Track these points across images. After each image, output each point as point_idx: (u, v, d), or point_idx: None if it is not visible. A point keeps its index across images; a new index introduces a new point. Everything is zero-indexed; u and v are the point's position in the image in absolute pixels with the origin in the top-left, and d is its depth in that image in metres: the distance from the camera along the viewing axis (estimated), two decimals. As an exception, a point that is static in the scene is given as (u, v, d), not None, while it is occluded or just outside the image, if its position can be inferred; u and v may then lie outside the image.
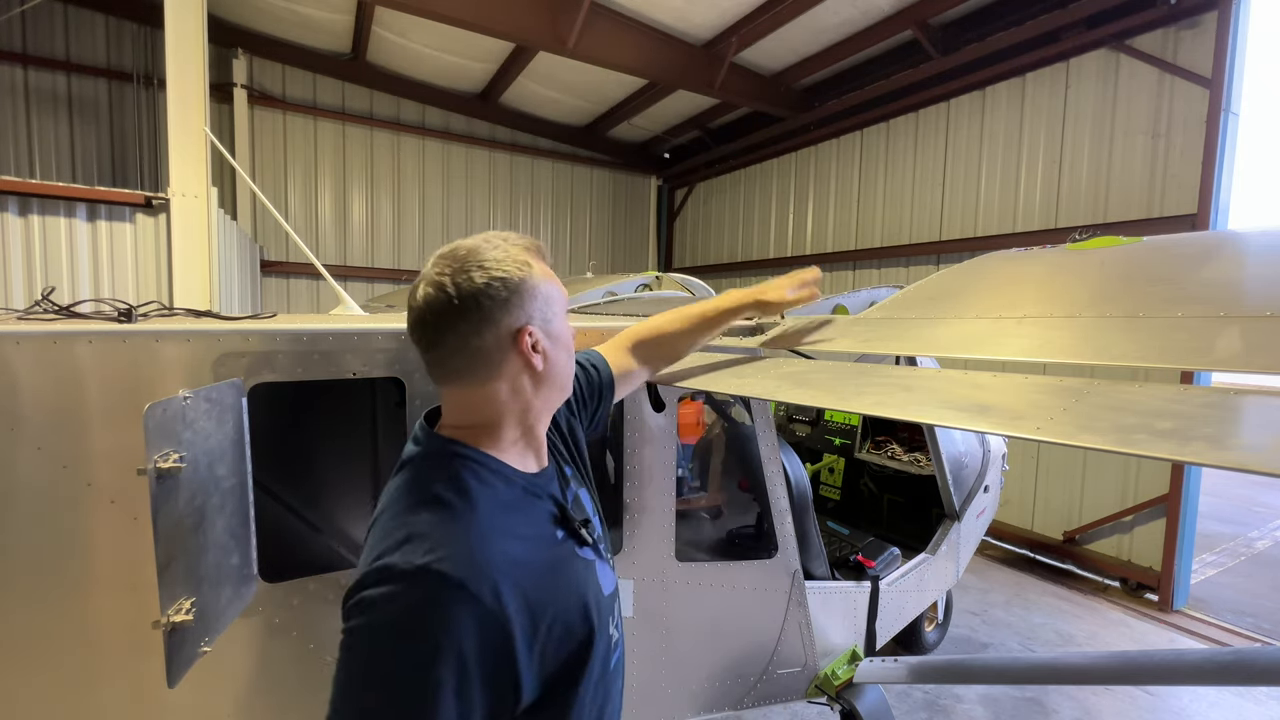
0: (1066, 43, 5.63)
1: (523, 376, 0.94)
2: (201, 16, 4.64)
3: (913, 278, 4.98)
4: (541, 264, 0.95)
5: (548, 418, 1.02)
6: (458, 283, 0.87)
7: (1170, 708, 3.67)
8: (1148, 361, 1.17)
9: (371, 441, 2.76)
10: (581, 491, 1.12)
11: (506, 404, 0.94)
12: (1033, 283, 1.91)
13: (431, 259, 0.94)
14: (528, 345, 0.91)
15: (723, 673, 2.23)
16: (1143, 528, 5.25)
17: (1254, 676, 1.52)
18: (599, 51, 6.93)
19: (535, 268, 0.93)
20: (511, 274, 0.89)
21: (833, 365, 1.67)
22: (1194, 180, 4.88)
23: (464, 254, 0.91)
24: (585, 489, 1.14)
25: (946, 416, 1.12)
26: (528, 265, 0.92)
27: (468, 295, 0.87)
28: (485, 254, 0.90)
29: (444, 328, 0.89)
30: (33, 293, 4.24)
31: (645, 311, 3.04)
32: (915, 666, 2.44)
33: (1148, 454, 0.84)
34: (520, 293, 0.90)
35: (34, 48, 7.17)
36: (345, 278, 9.02)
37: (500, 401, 0.94)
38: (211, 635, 1.19)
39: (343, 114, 8.95)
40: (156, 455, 1.05)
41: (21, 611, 1.28)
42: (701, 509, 3.33)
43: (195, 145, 4.55)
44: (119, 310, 1.51)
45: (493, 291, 0.88)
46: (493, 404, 0.94)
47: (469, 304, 0.87)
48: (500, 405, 0.94)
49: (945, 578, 3.59)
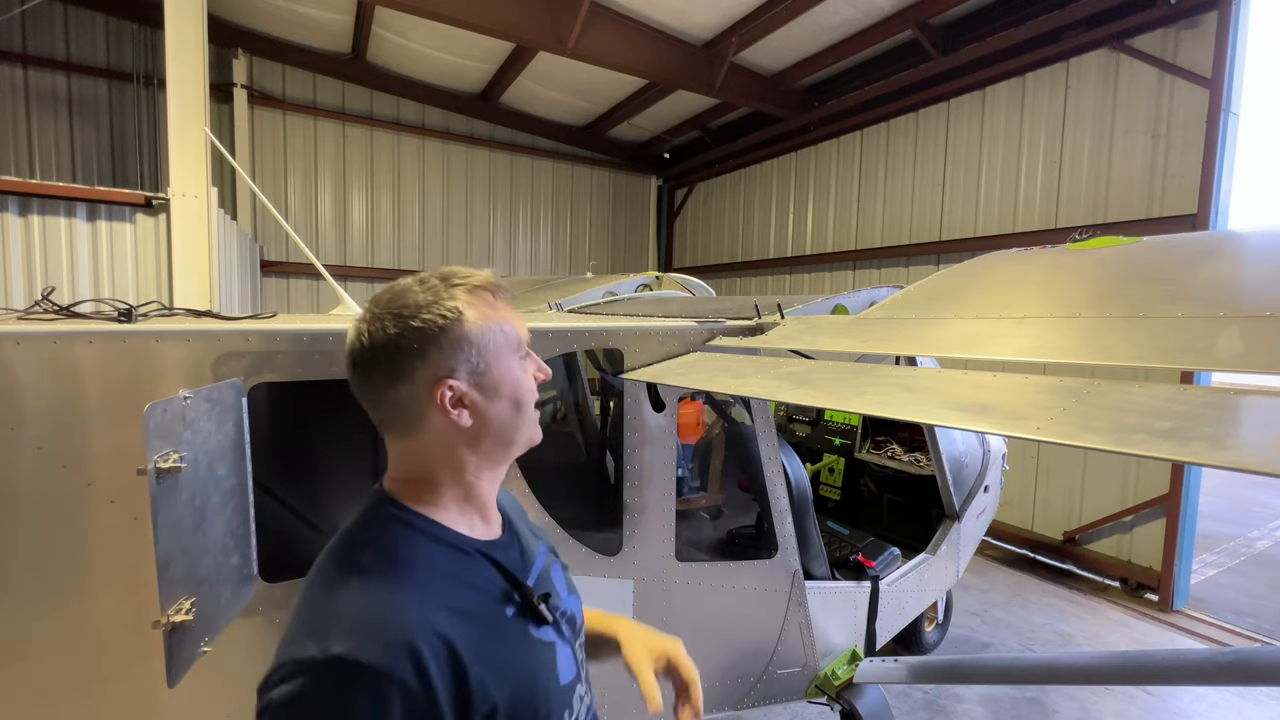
0: (1066, 43, 5.64)
1: (449, 433, 0.85)
2: (201, 16, 4.64)
3: (913, 278, 4.98)
4: (483, 307, 0.86)
5: (493, 477, 0.93)
6: (371, 331, 0.82)
7: (1170, 708, 3.67)
8: (1148, 361, 1.17)
9: (372, 441, 2.76)
10: (555, 567, 1.03)
11: (438, 460, 0.87)
12: (1033, 283, 1.91)
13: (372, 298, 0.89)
14: (445, 400, 0.83)
15: (723, 673, 2.23)
16: (1143, 528, 5.25)
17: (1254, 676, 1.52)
18: (599, 51, 6.93)
19: (469, 313, 0.84)
20: (430, 323, 0.81)
21: (833, 365, 1.67)
22: (1194, 180, 4.88)
23: (388, 299, 0.85)
24: (559, 564, 1.05)
25: (946, 416, 1.12)
26: (455, 311, 0.83)
27: (380, 345, 0.82)
28: (408, 299, 0.84)
29: (360, 376, 0.85)
30: (33, 293, 4.24)
31: (645, 311, 3.04)
32: (915, 666, 2.44)
33: (1148, 454, 0.84)
34: (439, 343, 0.82)
35: (34, 48, 7.17)
36: (345, 278, 9.02)
37: (430, 457, 0.87)
38: (211, 635, 1.19)
39: (343, 114, 8.95)
40: (156, 455, 1.05)
41: (22, 611, 1.27)
42: (701, 509, 3.33)
43: (195, 145, 4.56)
44: (119, 310, 1.51)
45: (403, 343, 0.81)
46: (423, 459, 0.87)
47: (380, 355, 0.82)
48: (431, 461, 0.87)
49: (945, 578, 3.59)
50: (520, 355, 0.91)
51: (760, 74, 7.94)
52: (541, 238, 10.83)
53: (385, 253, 9.46)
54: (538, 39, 6.70)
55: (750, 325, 2.27)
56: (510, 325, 0.89)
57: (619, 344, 1.96)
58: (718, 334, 2.19)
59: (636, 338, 2.01)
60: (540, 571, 0.97)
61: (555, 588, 0.97)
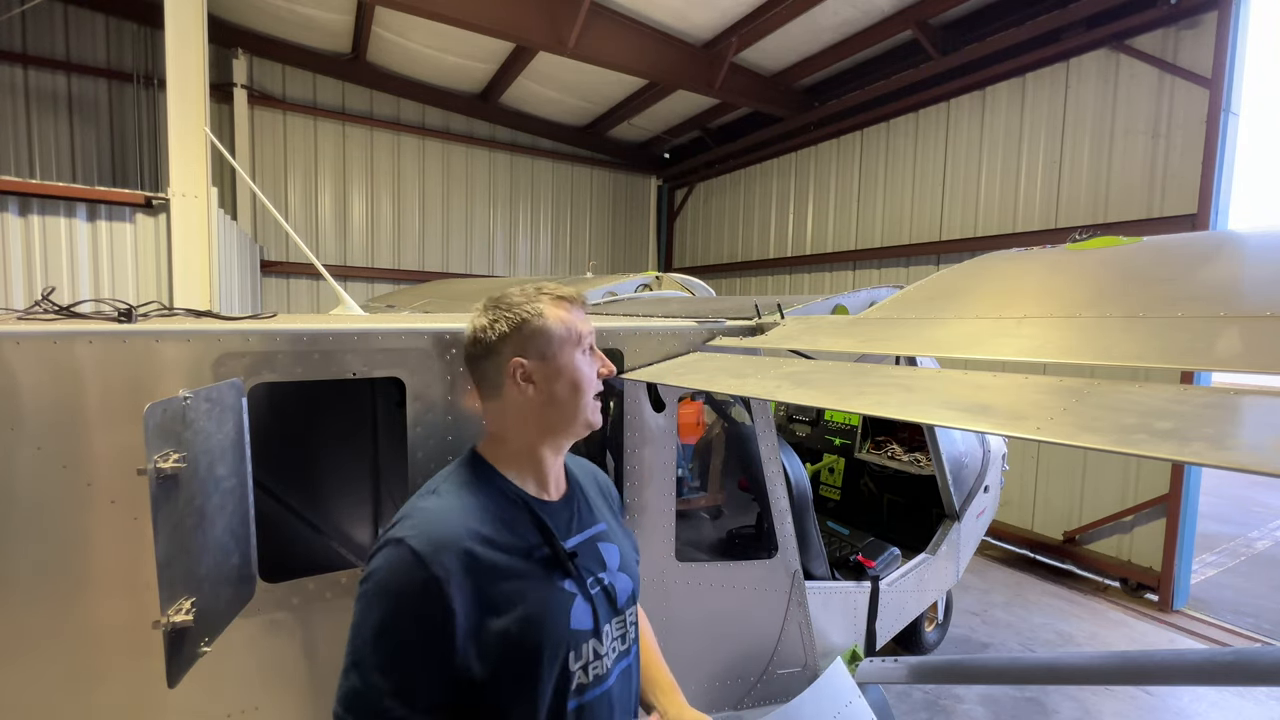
0: (1066, 43, 5.63)
1: (520, 401, 1.10)
2: (201, 16, 4.64)
3: (913, 278, 4.98)
4: (560, 311, 1.12)
5: (554, 447, 1.15)
6: (476, 320, 1.13)
7: (1170, 708, 3.67)
8: (1148, 361, 1.17)
9: (372, 441, 2.76)
10: (609, 547, 1.20)
11: (510, 422, 1.13)
12: (1033, 283, 1.91)
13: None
14: (516, 374, 1.09)
15: (723, 673, 2.23)
16: (1143, 528, 5.25)
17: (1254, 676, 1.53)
18: (599, 51, 6.93)
19: (547, 312, 1.11)
20: (516, 315, 1.09)
21: (833, 365, 1.67)
22: (1194, 180, 4.87)
23: (495, 298, 1.14)
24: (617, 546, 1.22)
25: (947, 416, 1.12)
26: (537, 309, 1.10)
27: (480, 329, 1.12)
28: (506, 299, 1.13)
29: (468, 353, 1.15)
30: (33, 293, 4.24)
31: (645, 311, 3.04)
32: (915, 666, 2.44)
33: (1148, 454, 0.84)
34: (521, 331, 1.09)
35: (34, 48, 7.17)
36: (345, 278, 9.02)
37: (505, 419, 1.13)
38: (211, 635, 1.19)
39: (343, 114, 8.95)
40: (156, 455, 1.05)
41: (22, 611, 1.27)
42: (701, 509, 3.33)
43: (195, 145, 4.56)
44: (119, 310, 1.51)
45: (496, 328, 1.10)
46: (499, 420, 1.14)
47: (480, 336, 1.12)
48: (505, 422, 1.13)
49: (945, 578, 3.59)
50: (583, 350, 1.14)
51: (760, 74, 7.94)
52: (541, 238, 10.83)
53: (385, 253, 9.46)
54: (538, 39, 6.70)
55: (750, 325, 2.27)
56: (577, 326, 1.14)
57: (619, 344, 1.96)
58: (718, 334, 2.19)
59: (636, 338, 2.01)
60: (586, 539, 1.16)
61: (601, 559, 1.16)
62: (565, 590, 1.05)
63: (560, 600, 1.04)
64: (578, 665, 1.04)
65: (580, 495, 1.22)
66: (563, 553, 1.07)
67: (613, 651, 1.11)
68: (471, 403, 1.70)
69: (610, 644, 1.11)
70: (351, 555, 2.57)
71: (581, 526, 1.17)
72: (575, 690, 1.04)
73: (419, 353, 1.63)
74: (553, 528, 1.09)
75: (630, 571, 1.22)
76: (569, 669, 1.03)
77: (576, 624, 1.04)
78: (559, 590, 1.05)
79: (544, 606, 1.02)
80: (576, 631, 1.04)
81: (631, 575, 1.22)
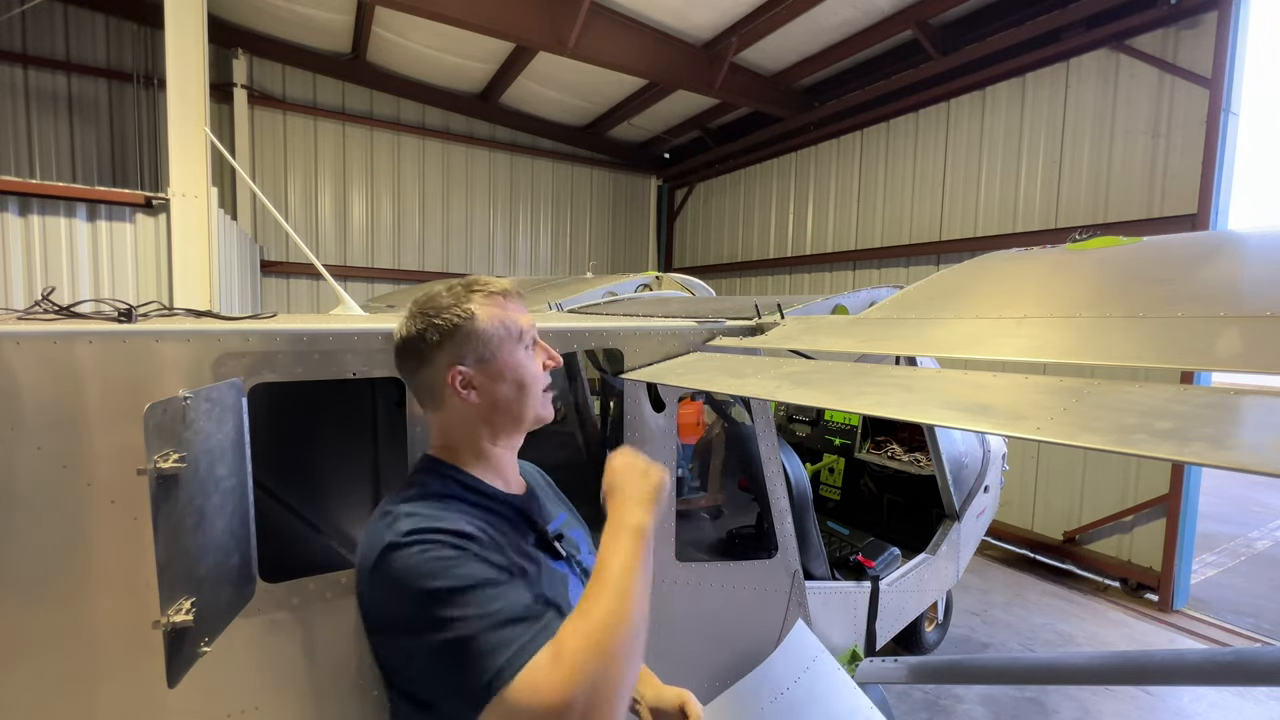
0: (1066, 43, 5.63)
1: (464, 409, 1.06)
2: (201, 16, 4.64)
3: (913, 278, 4.98)
4: (493, 309, 1.06)
5: (507, 445, 1.12)
6: (405, 329, 1.07)
7: (1170, 708, 3.67)
8: (1148, 361, 1.17)
9: (372, 441, 2.76)
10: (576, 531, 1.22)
11: (458, 430, 1.08)
12: (1033, 283, 1.91)
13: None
14: (456, 383, 1.04)
15: (723, 673, 2.23)
16: (1143, 528, 5.25)
17: (1254, 676, 1.53)
18: (599, 51, 6.93)
19: (480, 313, 1.04)
20: (447, 321, 1.03)
21: (833, 365, 1.67)
22: (1194, 180, 4.87)
23: (422, 300, 1.08)
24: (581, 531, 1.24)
25: (946, 416, 1.12)
26: (469, 312, 1.04)
27: (410, 339, 1.05)
28: (434, 302, 1.06)
29: (400, 364, 1.09)
30: (33, 293, 4.24)
31: (645, 311, 3.04)
32: (915, 666, 2.44)
33: (1148, 454, 0.84)
34: (454, 337, 1.03)
35: (34, 48, 7.17)
36: (345, 278, 9.02)
37: (452, 427, 1.09)
38: (211, 635, 1.19)
39: (343, 114, 8.95)
40: (156, 455, 1.05)
41: (21, 611, 1.27)
42: (701, 509, 3.33)
43: (195, 145, 4.56)
44: (119, 310, 1.50)
45: (428, 336, 1.04)
46: (447, 429, 1.09)
47: (412, 346, 1.06)
48: (453, 430, 1.09)
49: (945, 578, 3.59)
50: (525, 345, 1.09)
51: (760, 74, 7.94)
52: (541, 238, 10.83)
53: (385, 253, 9.45)
54: (538, 39, 6.70)
55: (750, 325, 2.27)
56: (514, 322, 1.07)
57: (619, 344, 1.96)
58: (718, 334, 2.19)
59: (636, 338, 2.01)
60: (559, 527, 1.17)
61: (575, 544, 1.16)
62: (559, 571, 1.08)
63: (559, 580, 1.06)
64: None
65: (534, 490, 1.23)
66: (549, 536, 1.09)
67: None
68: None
69: None
70: (351, 555, 2.57)
71: (546, 520, 1.18)
72: None
73: None
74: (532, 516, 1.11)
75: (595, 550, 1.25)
76: None
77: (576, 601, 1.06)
78: (554, 572, 1.07)
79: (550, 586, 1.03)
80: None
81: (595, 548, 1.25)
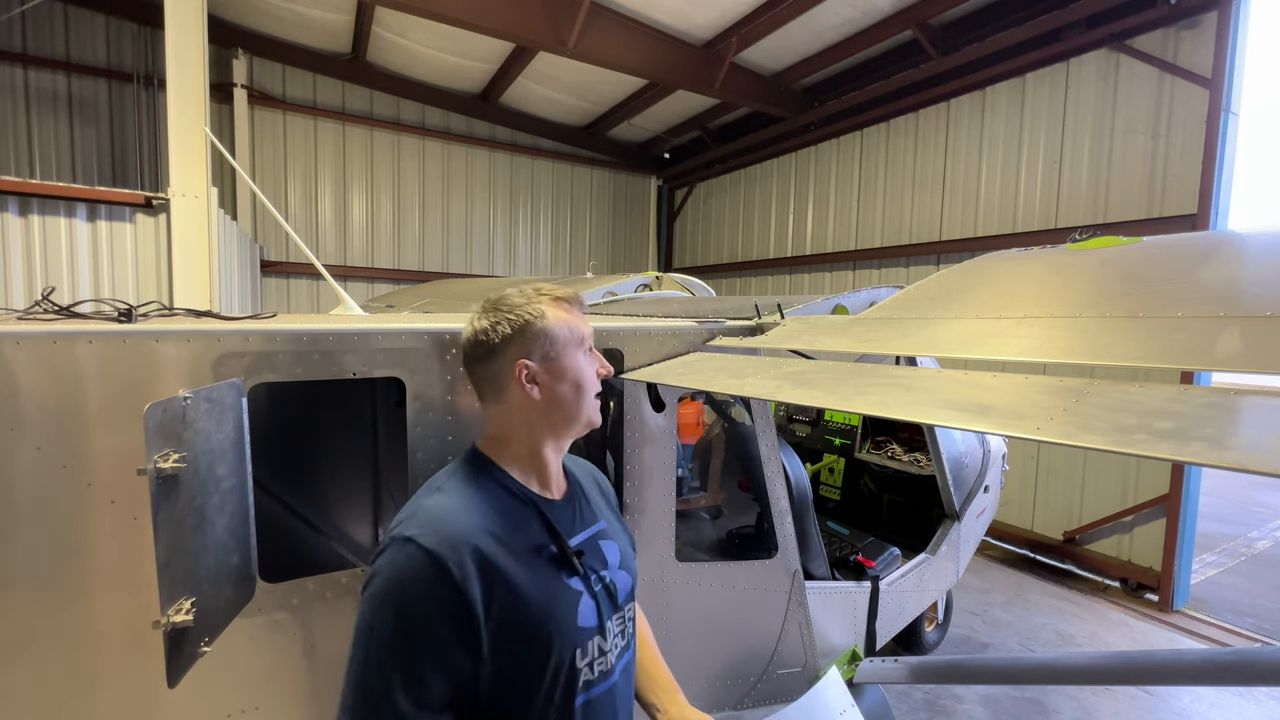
0: (1066, 43, 5.63)
1: (525, 402, 1.11)
2: (201, 16, 4.64)
3: (913, 278, 4.98)
4: (560, 312, 1.13)
5: (556, 446, 1.16)
6: (476, 322, 1.13)
7: (1170, 708, 3.67)
8: (1148, 361, 1.17)
9: (371, 441, 2.76)
10: (609, 544, 1.21)
11: (514, 423, 1.13)
12: (1033, 283, 1.91)
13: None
14: (522, 376, 1.09)
15: (723, 673, 2.23)
16: (1143, 528, 5.25)
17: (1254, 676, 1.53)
18: (599, 51, 6.93)
19: (549, 313, 1.11)
20: (518, 317, 1.09)
21: (833, 365, 1.67)
22: (1194, 180, 4.88)
23: (494, 300, 1.14)
24: (616, 544, 1.23)
25: (946, 416, 1.12)
26: (539, 310, 1.11)
27: (481, 332, 1.11)
28: (506, 300, 1.12)
29: (468, 355, 1.14)
30: (33, 293, 4.24)
31: (645, 311, 3.04)
32: (915, 666, 2.44)
33: (1148, 454, 0.84)
34: (524, 333, 1.09)
35: (34, 48, 7.17)
36: (345, 278, 9.02)
37: (508, 419, 1.13)
38: (211, 635, 1.19)
39: (343, 114, 8.95)
40: (156, 455, 1.05)
41: (21, 611, 1.27)
42: (701, 509, 3.33)
43: (195, 145, 4.56)
44: (119, 310, 1.51)
45: (499, 330, 1.09)
46: (502, 421, 1.14)
47: (482, 339, 1.11)
48: (508, 423, 1.13)
49: (945, 578, 3.59)
50: (584, 350, 1.16)
51: (760, 74, 7.94)
52: (541, 238, 10.83)
53: (385, 253, 9.45)
54: (538, 39, 6.70)
55: (750, 325, 2.27)
56: (579, 326, 1.15)
57: (619, 344, 1.96)
58: (718, 334, 2.19)
59: (636, 338, 2.01)
60: (588, 538, 1.17)
61: (602, 557, 1.17)
62: (572, 588, 1.07)
63: (568, 598, 1.05)
64: (584, 662, 1.06)
65: (580, 494, 1.23)
66: (569, 551, 1.08)
67: (615, 647, 1.13)
68: (469, 403, 1.69)
69: (613, 640, 1.13)
70: (351, 555, 2.57)
71: (583, 525, 1.18)
72: (583, 686, 1.05)
73: (419, 353, 1.63)
74: (558, 526, 1.10)
75: (629, 568, 1.24)
76: (576, 666, 1.04)
77: (584, 621, 1.06)
78: (566, 588, 1.06)
79: (554, 605, 1.03)
80: (584, 629, 1.06)
81: (630, 572, 1.23)
